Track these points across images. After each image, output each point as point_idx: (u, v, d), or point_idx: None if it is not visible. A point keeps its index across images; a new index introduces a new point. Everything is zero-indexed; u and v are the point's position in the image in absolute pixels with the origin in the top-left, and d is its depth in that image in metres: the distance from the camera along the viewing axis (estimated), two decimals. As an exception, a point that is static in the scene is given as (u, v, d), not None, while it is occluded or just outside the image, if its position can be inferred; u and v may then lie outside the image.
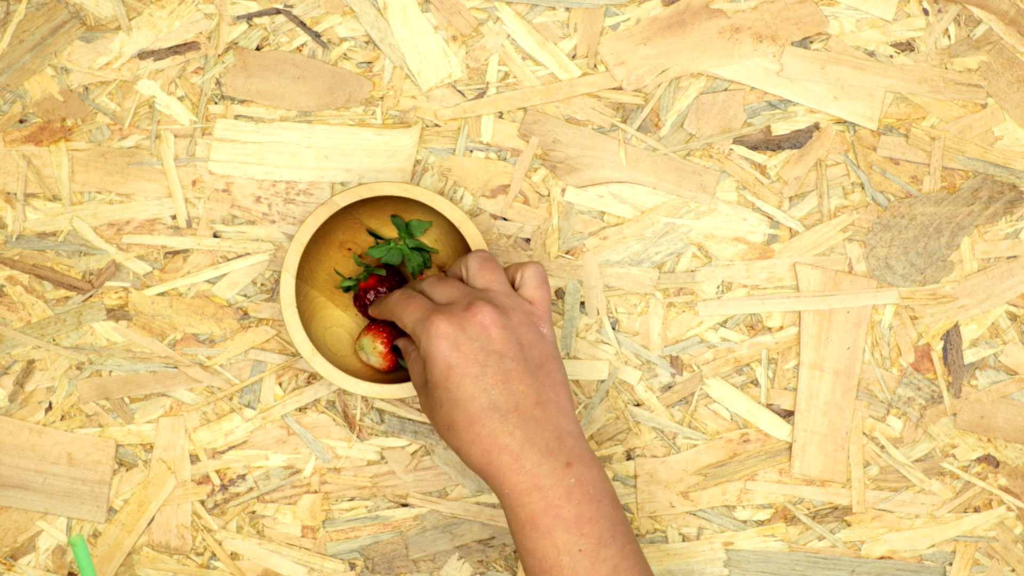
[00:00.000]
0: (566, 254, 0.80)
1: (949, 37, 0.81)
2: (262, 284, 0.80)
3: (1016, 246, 0.81)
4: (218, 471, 0.80)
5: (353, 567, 0.80)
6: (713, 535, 0.80)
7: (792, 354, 0.81)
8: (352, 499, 0.80)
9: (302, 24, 0.80)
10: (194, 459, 0.80)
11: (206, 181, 0.80)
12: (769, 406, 0.81)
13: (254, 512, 0.80)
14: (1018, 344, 0.81)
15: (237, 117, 0.80)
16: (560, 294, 0.80)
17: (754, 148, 0.81)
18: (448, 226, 0.78)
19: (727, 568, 0.80)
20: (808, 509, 0.80)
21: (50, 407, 0.80)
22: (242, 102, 0.80)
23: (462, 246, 0.77)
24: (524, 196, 0.80)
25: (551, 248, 0.80)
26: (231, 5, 0.80)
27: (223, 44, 0.80)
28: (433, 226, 0.78)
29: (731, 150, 0.81)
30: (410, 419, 0.80)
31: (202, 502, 0.80)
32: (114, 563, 0.80)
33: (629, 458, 0.80)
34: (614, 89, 0.81)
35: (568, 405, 0.69)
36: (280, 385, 0.80)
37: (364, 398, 0.80)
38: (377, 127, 0.80)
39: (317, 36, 0.80)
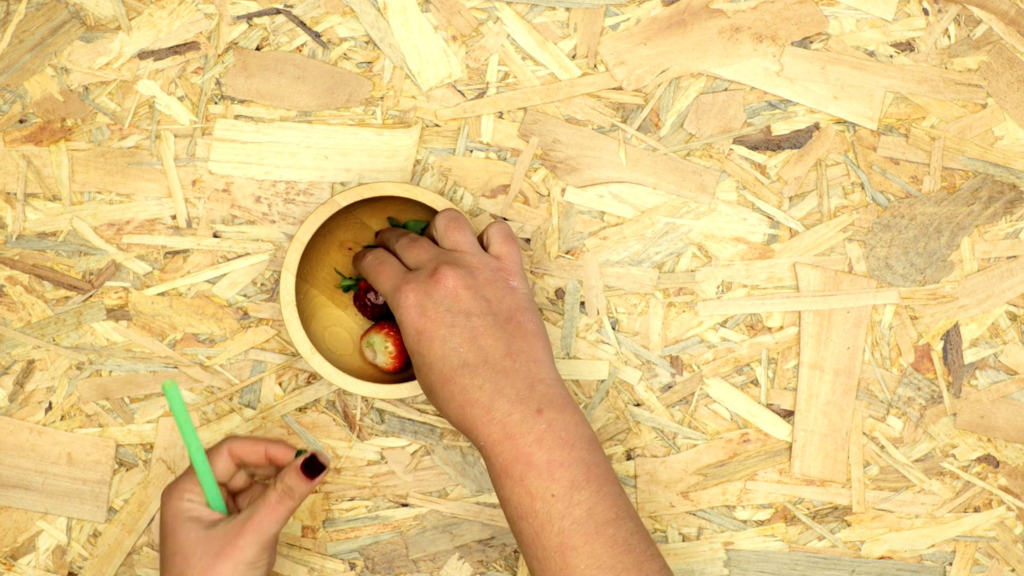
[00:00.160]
0: (566, 254, 0.80)
1: (949, 37, 0.81)
2: (262, 284, 0.80)
3: (1016, 246, 0.81)
4: (218, 471, 0.80)
5: (353, 567, 0.80)
6: (713, 535, 0.80)
7: (792, 354, 0.81)
8: (352, 499, 0.80)
9: (302, 24, 0.80)
10: (194, 459, 0.80)
11: (206, 181, 0.80)
12: (769, 406, 0.81)
13: (254, 512, 0.80)
14: (1018, 344, 0.81)
15: (237, 117, 0.80)
16: (560, 294, 0.80)
17: (754, 148, 0.81)
18: None
19: (727, 568, 0.80)
20: (808, 509, 0.80)
21: (50, 407, 0.80)
22: (242, 102, 0.80)
23: None
24: (524, 196, 0.80)
25: (551, 248, 0.80)
26: (231, 5, 0.80)
27: (223, 44, 0.80)
28: (427, 225, 0.78)
29: (731, 150, 0.81)
30: (410, 419, 0.80)
31: (202, 502, 0.80)
32: (114, 563, 0.80)
33: (629, 458, 0.80)
34: (614, 89, 0.81)
35: (542, 353, 0.70)
36: (280, 385, 0.80)
37: (364, 398, 0.80)
38: (377, 127, 0.80)
39: (317, 36, 0.80)
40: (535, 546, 0.67)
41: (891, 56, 0.81)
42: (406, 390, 0.74)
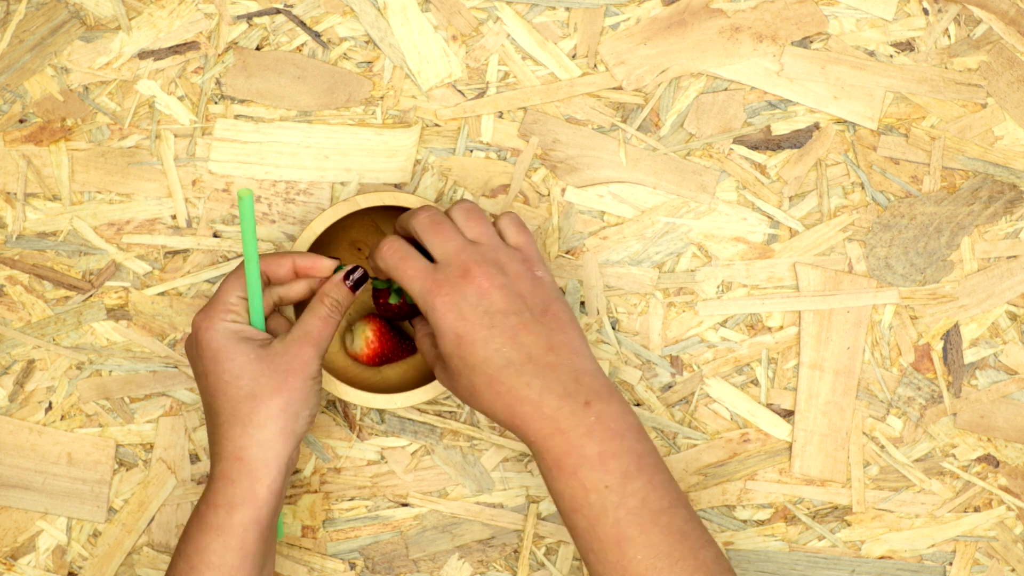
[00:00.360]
0: (566, 254, 0.80)
1: (949, 37, 0.81)
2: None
3: (1016, 246, 0.81)
4: (218, 471, 0.80)
5: (353, 567, 0.80)
6: (713, 535, 0.80)
7: (792, 354, 0.81)
8: (352, 499, 0.80)
9: (302, 24, 0.80)
10: (194, 459, 0.80)
11: (206, 181, 0.80)
12: (769, 406, 0.81)
13: (254, 512, 0.80)
14: (1018, 344, 0.81)
15: (237, 117, 0.80)
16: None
17: (754, 148, 0.81)
18: None
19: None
20: (808, 509, 0.80)
21: (50, 407, 0.80)
22: (242, 102, 0.80)
23: None
24: (524, 196, 0.80)
25: (551, 248, 0.80)
26: (231, 5, 0.80)
27: (223, 44, 0.80)
28: None
29: (731, 150, 0.81)
30: (410, 419, 0.80)
31: (202, 502, 0.80)
32: (114, 563, 0.80)
33: (629, 458, 0.80)
34: (614, 89, 0.81)
35: (581, 343, 0.70)
36: (280, 385, 0.80)
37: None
38: (377, 127, 0.80)
39: (317, 36, 0.80)
40: (590, 538, 0.67)
41: (891, 56, 0.81)
42: (381, 401, 0.74)
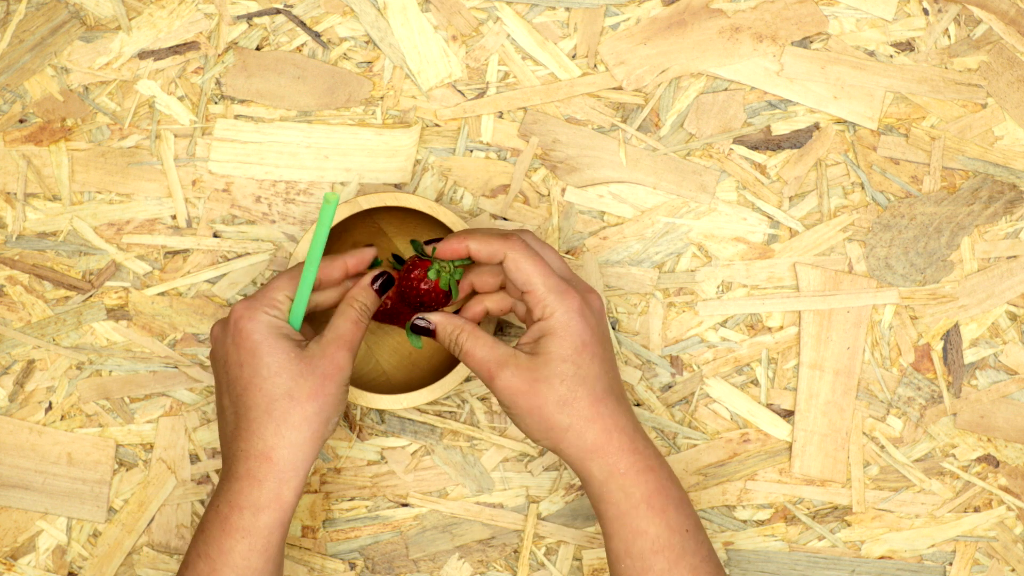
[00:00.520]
0: (566, 254, 0.80)
1: (949, 37, 0.81)
2: (262, 284, 0.80)
3: (1016, 246, 0.81)
4: (218, 471, 0.80)
5: (353, 567, 0.80)
6: (713, 535, 0.80)
7: (792, 354, 0.81)
8: (352, 499, 0.80)
9: (302, 24, 0.80)
10: (194, 459, 0.80)
11: (206, 181, 0.80)
12: (769, 406, 0.81)
13: (254, 512, 0.80)
14: (1018, 344, 0.81)
15: (237, 117, 0.80)
16: (560, 294, 0.80)
17: (754, 148, 0.81)
18: None
19: (727, 568, 0.80)
20: (808, 509, 0.80)
21: (50, 407, 0.80)
22: (242, 102, 0.80)
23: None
24: (524, 196, 0.80)
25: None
26: (231, 5, 0.80)
27: (223, 44, 0.80)
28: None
29: (731, 150, 0.81)
30: (410, 419, 0.80)
31: (202, 502, 0.80)
32: (114, 563, 0.80)
33: (629, 458, 0.80)
34: (614, 89, 0.81)
35: None
36: (280, 385, 0.80)
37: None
38: (377, 127, 0.80)
39: (317, 36, 0.80)
40: None
41: (891, 56, 0.81)
42: (388, 402, 0.74)
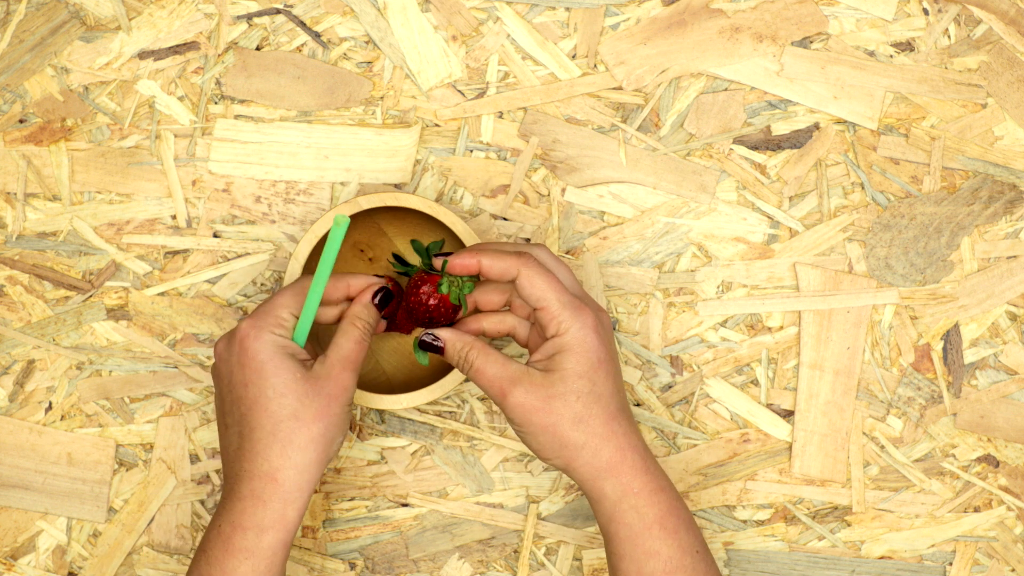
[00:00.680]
0: (566, 254, 0.80)
1: (949, 37, 0.81)
2: (262, 284, 0.80)
3: (1016, 246, 0.81)
4: (218, 471, 0.80)
5: (353, 567, 0.80)
6: (713, 535, 0.80)
7: (792, 354, 0.81)
8: (352, 499, 0.80)
9: (302, 24, 0.80)
10: (194, 459, 0.80)
11: (206, 181, 0.80)
12: (769, 406, 0.81)
13: (254, 512, 0.80)
14: (1018, 344, 0.81)
15: (237, 117, 0.80)
16: (560, 294, 0.80)
17: (754, 148, 0.81)
18: (460, 244, 0.77)
19: (727, 568, 0.80)
20: (808, 509, 0.80)
21: (50, 407, 0.80)
22: (242, 102, 0.80)
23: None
24: (524, 196, 0.80)
25: (551, 248, 0.80)
26: (231, 5, 0.80)
27: (223, 44, 0.80)
28: (444, 242, 0.78)
29: (731, 150, 0.81)
30: (410, 419, 0.80)
31: (202, 502, 0.80)
32: (114, 563, 0.80)
33: (629, 458, 0.80)
34: (614, 89, 0.81)
35: None
36: (280, 385, 0.80)
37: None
38: (377, 127, 0.80)
39: (317, 36, 0.80)
40: None
41: (891, 56, 0.81)
42: (388, 402, 0.74)
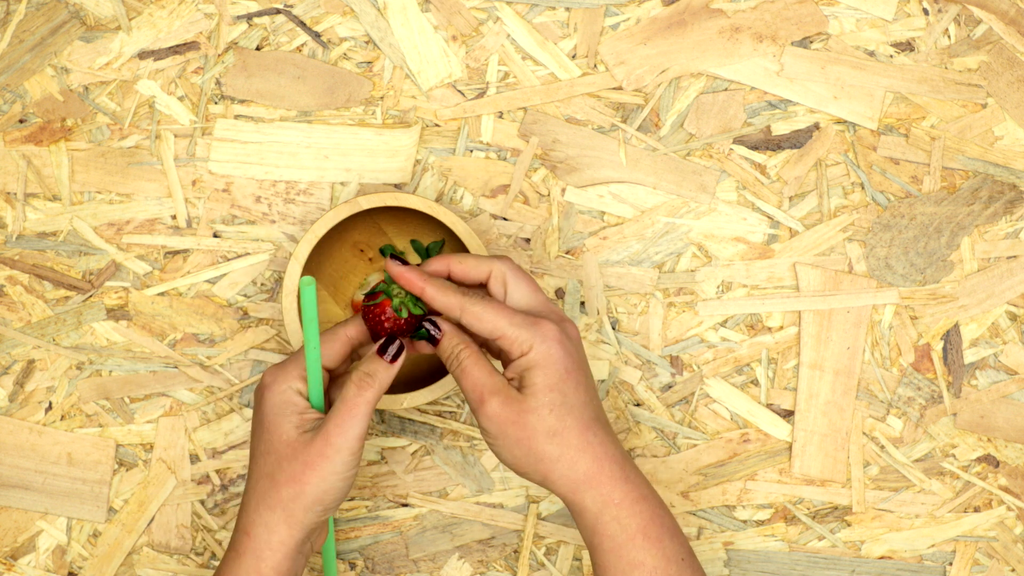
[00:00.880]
0: (566, 254, 0.80)
1: (949, 37, 0.81)
2: (262, 284, 0.80)
3: (1016, 246, 0.81)
4: (218, 471, 0.80)
5: (353, 567, 0.80)
6: (713, 535, 0.80)
7: (792, 354, 0.81)
8: (352, 499, 0.80)
9: (302, 24, 0.80)
10: (194, 459, 0.80)
11: (206, 181, 0.80)
12: (769, 406, 0.81)
13: (254, 512, 0.80)
14: (1018, 344, 0.81)
15: (237, 117, 0.80)
16: (560, 294, 0.80)
17: (754, 148, 0.81)
18: (460, 244, 0.77)
19: (727, 568, 0.80)
20: (808, 509, 0.80)
21: (50, 407, 0.80)
22: (242, 102, 0.80)
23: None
24: (524, 196, 0.80)
25: (551, 248, 0.80)
26: (231, 5, 0.80)
27: (223, 44, 0.80)
28: (445, 242, 0.78)
29: (731, 150, 0.81)
30: (410, 419, 0.80)
31: (202, 502, 0.80)
32: (114, 563, 0.80)
33: (629, 458, 0.80)
34: (614, 89, 0.81)
35: None
36: (280, 385, 0.80)
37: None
38: (377, 127, 0.80)
39: (317, 36, 0.80)
40: None
41: (891, 56, 0.81)
42: (388, 402, 0.74)
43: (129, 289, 0.80)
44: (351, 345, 0.70)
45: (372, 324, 0.70)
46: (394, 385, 0.78)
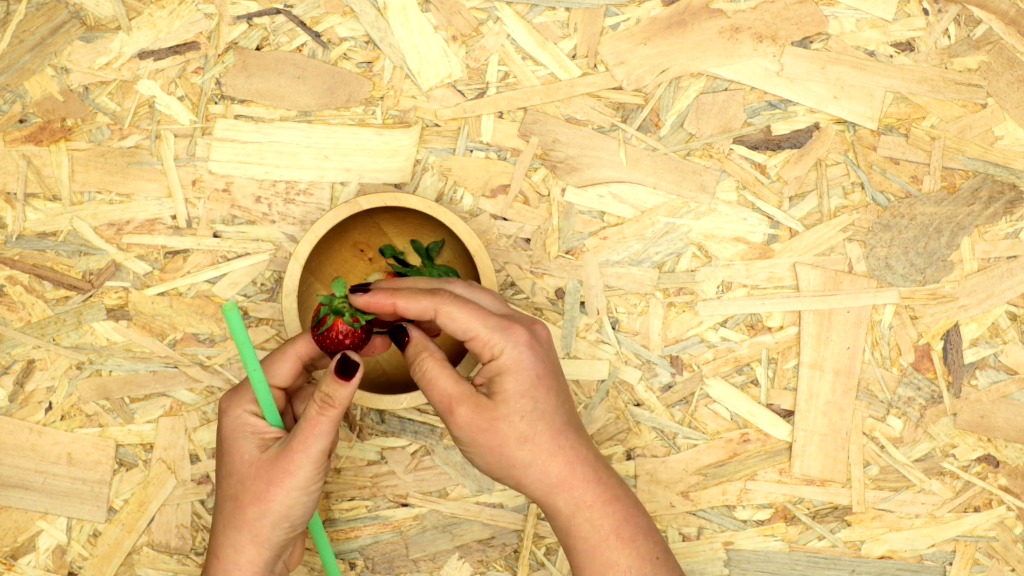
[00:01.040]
0: (566, 254, 0.80)
1: (949, 37, 0.81)
2: (262, 284, 0.80)
3: (1016, 246, 0.81)
4: (218, 471, 0.80)
5: (353, 567, 0.80)
6: (713, 535, 0.80)
7: (792, 354, 0.81)
8: (352, 499, 0.80)
9: (302, 24, 0.80)
10: (194, 459, 0.80)
11: (206, 181, 0.80)
12: (769, 406, 0.81)
13: (254, 512, 0.80)
14: (1018, 344, 0.81)
15: (237, 117, 0.80)
16: (560, 294, 0.80)
17: (754, 148, 0.81)
18: (460, 244, 0.77)
19: (727, 568, 0.80)
20: (808, 509, 0.80)
21: (50, 407, 0.80)
22: (242, 102, 0.80)
23: (471, 265, 0.77)
24: (524, 196, 0.80)
25: (551, 248, 0.80)
26: (231, 5, 0.80)
27: (223, 44, 0.80)
28: (445, 242, 0.78)
29: (731, 150, 0.81)
30: (410, 419, 0.80)
31: (202, 502, 0.80)
32: (114, 563, 0.80)
33: (629, 458, 0.80)
34: (614, 89, 0.81)
35: None
36: (280, 385, 0.80)
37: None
38: (377, 127, 0.80)
39: (317, 36, 0.80)
40: None
41: (891, 56, 0.81)
42: (388, 402, 0.74)
43: (129, 289, 0.80)
44: (301, 362, 0.69)
45: (331, 346, 0.68)
46: (394, 385, 0.78)
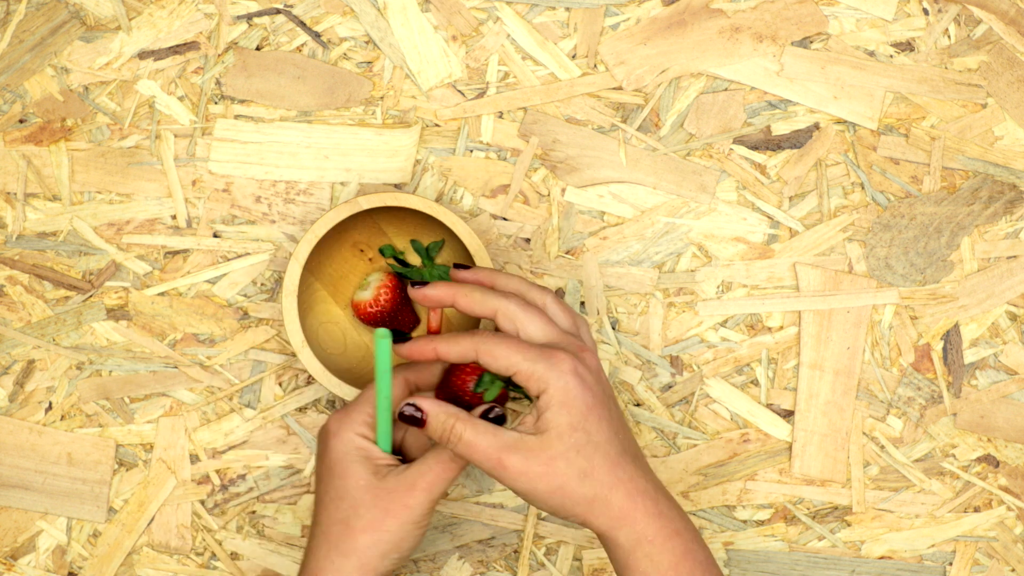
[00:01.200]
0: (566, 254, 0.80)
1: (949, 37, 0.81)
2: (262, 284, 0.80)
3: (1016, 246, 0.81)
4: (218, 471, 0.80)
5: (353, 567, 0.80)
6: (713, 535, 0.80)
7: (792, 354, 0.81)
8: (352, 499, 0.80)
9: (302, 24, 0.80)
10: (194, 459, 0.80)
11: (206, 181, 0.80)
12: (769, 406, 0.81)
13: (254, 512, 0.80)
14: (1018, 344, 0.81)
15: (237, 117, 0.80)
16: (560, 294, 0.80)
17: (754, 148, 0.81)
18: (460, 244, 0.77)
19: (727, 568, 0.80)
20: (808, 509, 0.80)
21: (50, 407, 0.80)
22: (242, 102, 0.80)
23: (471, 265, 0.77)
24: (524, 196, 0.80)
25: (551, 248, 0.80)
26: (231, 5, 0.80)
27: (223, 44, 0.80)
28: (444, 242, 0.78)
29: (731, 150, 0.81)
30: (410, 419, 0.80)
31: (202, 502, 0.80)
32: (114, 563, 0.80)
33: (629, 458, 0.80)
34: (614, 89, 0.81)
35: None
36: (280, 385, 0.80)
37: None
38: (377, 127, 0.80)
39: (317, 36, 0.80)
40: None
41: (891, 56, 0.81)
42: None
43: (129, 289, 0.80)
44: (410, 389, 0.70)
45: (473, 400, 0.68)
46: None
